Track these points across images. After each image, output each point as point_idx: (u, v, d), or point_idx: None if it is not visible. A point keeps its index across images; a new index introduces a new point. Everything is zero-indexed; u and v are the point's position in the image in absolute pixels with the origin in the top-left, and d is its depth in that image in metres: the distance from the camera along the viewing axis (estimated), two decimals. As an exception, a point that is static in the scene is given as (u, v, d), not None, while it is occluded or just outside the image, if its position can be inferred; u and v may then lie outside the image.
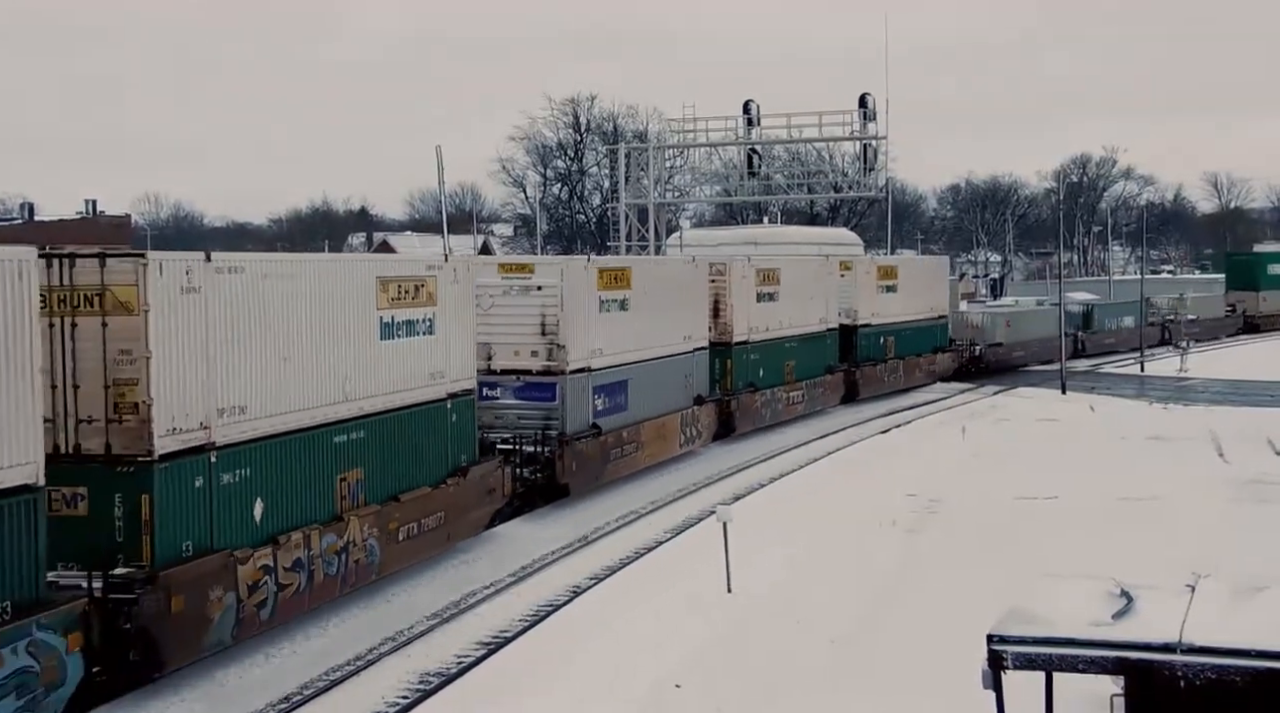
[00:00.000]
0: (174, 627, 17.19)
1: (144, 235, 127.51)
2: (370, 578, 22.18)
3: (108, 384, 17.41)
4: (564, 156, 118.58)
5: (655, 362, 35.11)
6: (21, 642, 14.62)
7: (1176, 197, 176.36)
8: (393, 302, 23.13)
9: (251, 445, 19.12)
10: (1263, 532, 26.37)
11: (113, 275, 17.38)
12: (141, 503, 17.15)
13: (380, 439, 22.56)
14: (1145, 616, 9.55)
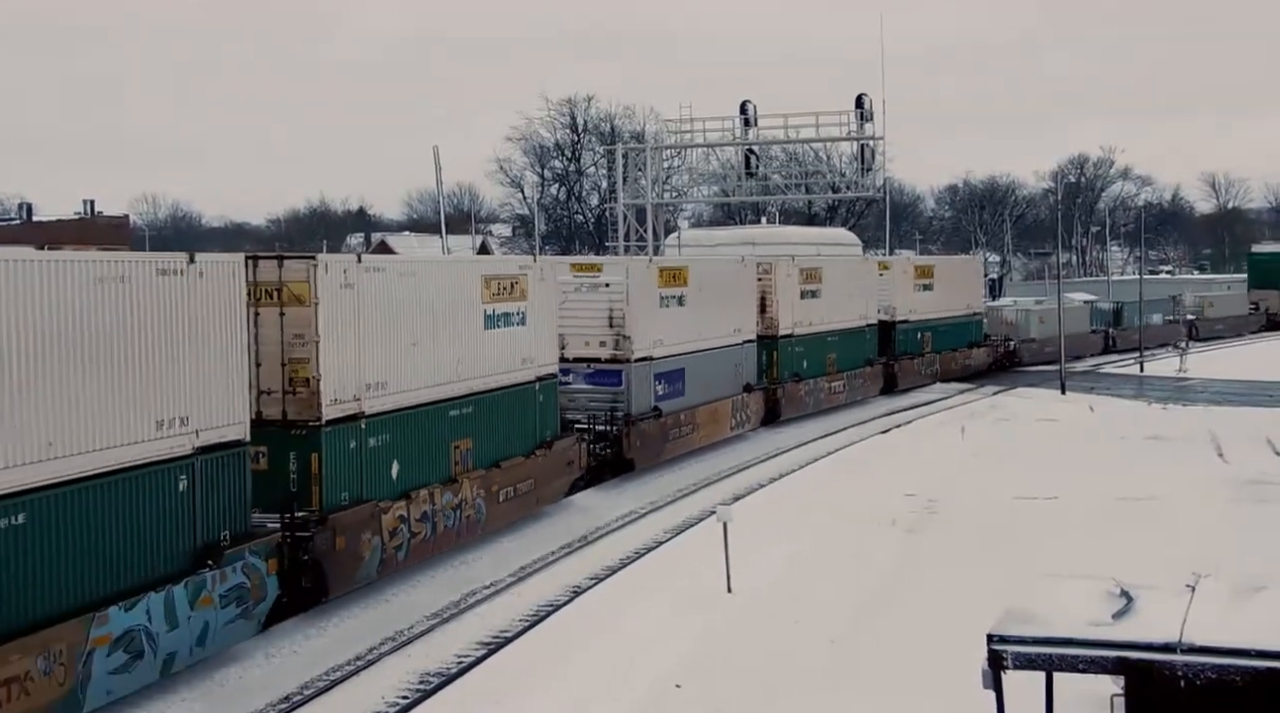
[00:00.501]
0: (337, 561, 21.09)
1: (142, 236, 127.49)
2: (477, 533, 25.86)
3: (284, 362, 21.13)
4: (561, 157, 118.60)
5: (709, 352, 38.68)
6: (239, 563, 18.59)
7: (1174, 197, 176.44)
8: (494, 297, 27.00)
9: (390, 416, 22.98)
10: (1262, 532, 26.38)
11: (289, 273, 21.16)
12: (311, 460, 21.03)
13: (484, 414, 26.36)
14: (1145, 615, 9.56)
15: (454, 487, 24.85)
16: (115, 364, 16.59)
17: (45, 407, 15.37)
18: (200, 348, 18.15)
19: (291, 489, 20.81)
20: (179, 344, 17.76)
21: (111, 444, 16.47)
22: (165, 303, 17.52)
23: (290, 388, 21.09)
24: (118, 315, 16.63)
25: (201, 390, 18.16)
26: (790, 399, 44.49)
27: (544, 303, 29.02)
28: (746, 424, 41.19)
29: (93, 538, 16.20)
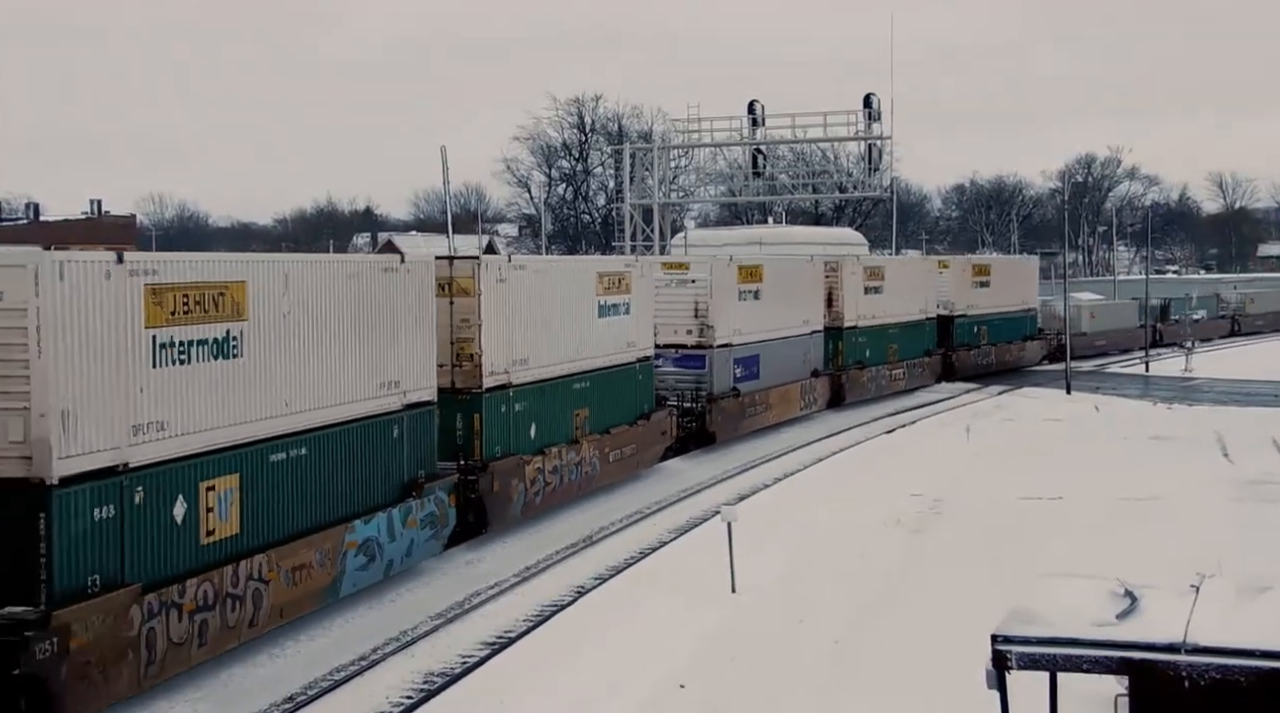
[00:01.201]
0: (495, 501, 26.51)
1: (149, 236, 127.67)
2: (592, 486, 31.17)
3: (452, 341, 26.17)
4: (569, 157, 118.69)
5: (781, 340, 43.22)
6: (432, 496, 23.76)
7: (1181, 197, 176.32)
8: (605, 290, 32.11)
9: (530, 386, 28.23)
10: (1267, 532, 26.34)
11: (458, 271, 26.52)
12: (474, 420, 26.43)
13: (598, 388, 31.46)
14: (1149, 616, 9.54)
15: (576, 447, 30.28)
16: (358, 340, 21.86)
17: (317, 371, 20.68)
18: (407, 327, 23.44)
19: (459, 443, 26.07)
20: (394, 325, 23.00)
21: (354, 399, 21.70)
22: (386, 294, 22.78)
23: (457, 362, 26.39)
24: (357, 304, 21.85)
25: (407, 361, 23.41)
26: (854, 384, 48.87)
27: (643, 296, 34.13)
28: (814, 405, 45.74)
29: (344, 469, 21.40)
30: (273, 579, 19.30)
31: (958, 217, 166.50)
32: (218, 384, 18.40)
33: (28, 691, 14.72)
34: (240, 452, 18.88)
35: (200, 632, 17.77)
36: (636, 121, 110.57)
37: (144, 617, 16.62)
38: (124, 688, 16.43)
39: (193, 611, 17.60)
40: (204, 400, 18.11)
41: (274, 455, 19.65)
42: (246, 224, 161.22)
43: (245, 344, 18.93)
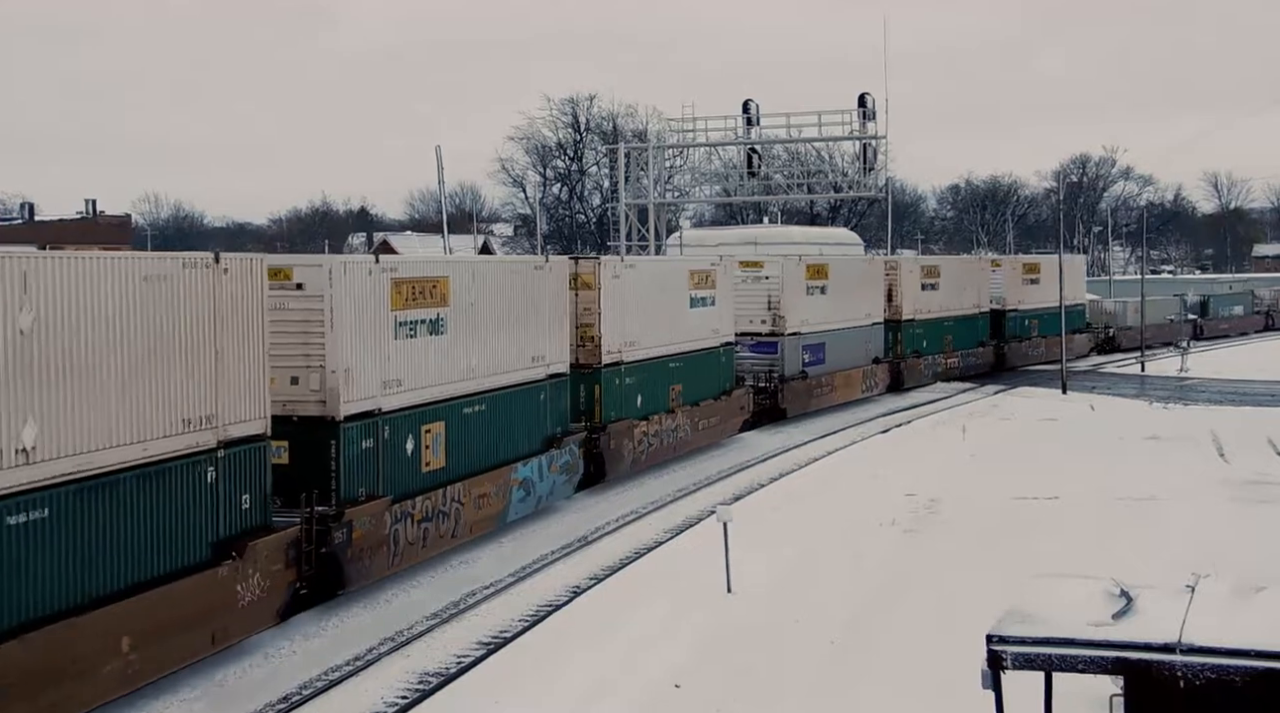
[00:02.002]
0: (611, 455, 32.15)
1: (144, 235, 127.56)
2: (685, 449, 36.72)
3: (577, 326, 31.61)
4: (564, 156, 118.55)
5: (844, 330, 48.74)
6: (567, 448, 29.54)
7: (1176, 197, 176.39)
8: (695, 286, 37.92)
9: (637, 364, 33.91)
10: (1262, 532, 26.38)
11: (582, 268, 32.11)
12: (595, 389, 32.03)
13: (689, 368, 37.19)
14: (1145, 615, 9.54)
15: (672, 416, 35.96)
16: (517, 322, 27.42)
17: (492, 346, 26.36)
18: (548, 313, 29.04)
19: (583, 408, 31.64)
20: (540, 311, 28.65)
21: (515, 369, 27.37)
22: (535, 287, 28.67)
23: (581, 342, 31.85)
24: (517, 294, 27.57)
25: (549, 339, 29.00)
26: (911, 370, 54.52)
27: (725, 291, 39.91)
28: (875, 389, 51.36)
29: (509, 423, 27.19)
30: (466, 503, 25.23)
31: (953, 216, 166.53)
32: (432, 354, 24.25)
33: (328, 563, 20.71)
34: (446, 405, 24.70)
35: (424, 536, 23.72)
36: (631, 121, 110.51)
37: (391, 521, 22.52)
38: (379, 570, 22.29)
39: (419, 519, 23.53)
40: (424, 366, 23.98)
41: (466, 410, 25.53)
42: (242, 224, 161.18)
43: (448, 324, 24.82)
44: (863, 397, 49.79)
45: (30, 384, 15.13)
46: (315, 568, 20.35)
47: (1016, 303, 65.22)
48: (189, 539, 17.74)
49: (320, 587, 20.82)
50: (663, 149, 65.93)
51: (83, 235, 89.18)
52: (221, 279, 18.49)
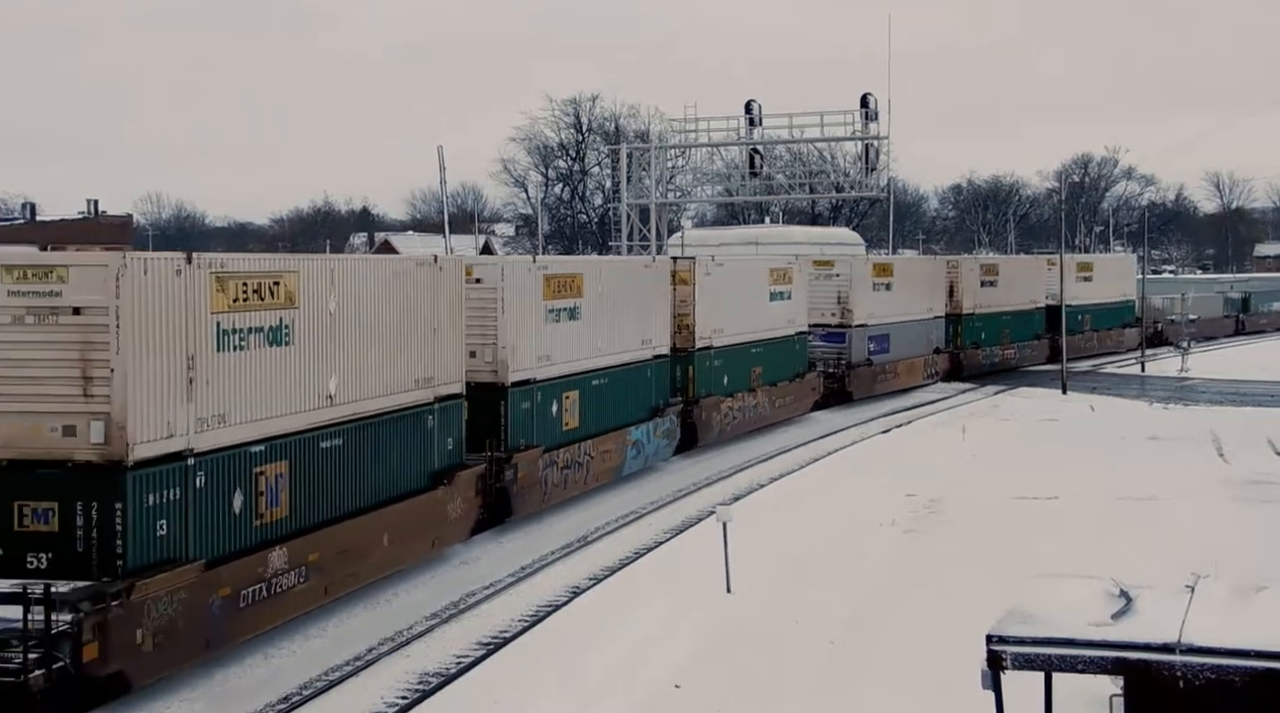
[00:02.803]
0: (702, 424, 37.51)
1: (146, 235, 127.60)
2: (763, 423, 42.15)
3: (675, 315, 36.69)
4: (565, 157, 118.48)
5: (907, 323, 53.71)
6: (667, 416, 35.35)
7: (1178, 197, 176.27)
8: (774, 281, 43.38)
9: (724, 348, 39.39)
10: (1262, 532, 26.37)
11: (680, 266, 37.77)
12: (689, 369, 37.48)
13: (768, 353, 42.63)
14: (1145, 616, 9.54)
15: (753, 394, 41.30)
16: (628, 311, 33.37)
17: (615, 330, 32.45)
18: (654, 304, 35.08)
19: (678, 384, 36.95)
20: (648, 302, 34.73)
21: (629, 350, 33.31)
22: (648, 282, 35.04)
23: (678, 329, 36.89)
24: (628, 288, 33.57)
25: (654, 326, 35.01)
26: (969, 360, 59.37)
27: (800, 286, 45.42)
28: (935, 376, 56.28)
29: (625, 394, 33.07)
30: (595, 456, 31.29)
31: (954, 216, 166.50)
32: (569, 336, 30.16)
33: (500, 496, 26.73)
34: (580, 377, 30.70)
35: (565, 480, 29.68)
36: (633, 121, 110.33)
37: (543, 466, 28.52)
38: (534, 504, 28.26)
39: (562, 467, 29.44)
40: (565, 345, 29.83)
41: (594, 381, 31.44)
42: (243, 224, 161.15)
43: (582, 312, 30.68)
44: (924, 382, 54.90)
45: (335, 349, 20.97)
46: (493, 498, 26.45)
47: (1071, 298, 67.35)
48: (419, 469, 23.77)
49: (495, 514, 26.91)
50: (665, 149, 65.87)
51: (84, 235, 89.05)
52: (438, 276, 24.42)
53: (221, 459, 18.36)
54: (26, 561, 16.61)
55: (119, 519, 16.64)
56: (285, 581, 19.45)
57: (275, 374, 19.48)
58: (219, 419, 18.30)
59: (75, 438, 16.79)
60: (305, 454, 20.06)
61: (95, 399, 16.72)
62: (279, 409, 19.61)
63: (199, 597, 17.59)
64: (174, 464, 17.49)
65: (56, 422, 16.83)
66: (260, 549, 18.98)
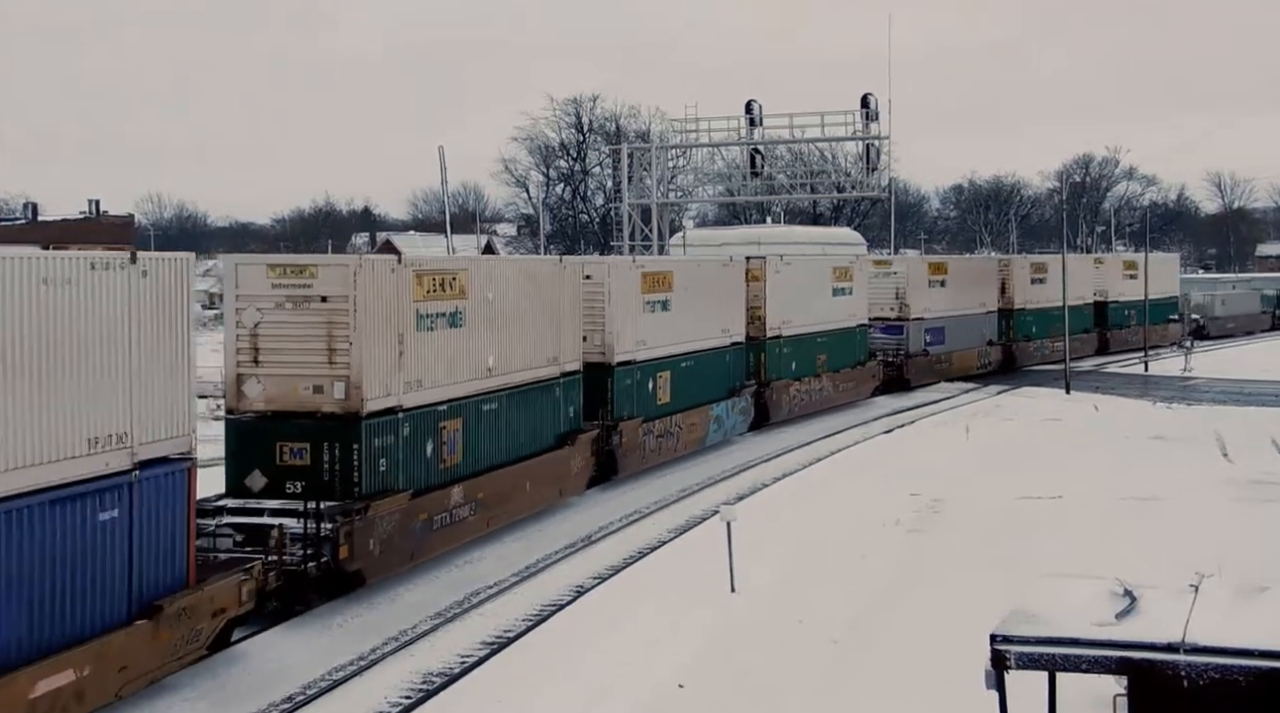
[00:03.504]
0: (773, 404, 42.92)
1: (148, 235, 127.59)
2: (826, 405, 46.88)
3: (748, 308, 42.00)
4: (567, 157, 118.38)
5: (961, 316, 58.92)
6: (743, 396, 40.55)
7: (1179, 197, 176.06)
8: (837, 278, 48.73)
9: (792, 338, 44.49)
10: (1266, 532, 26.34)
11: (753, 264, 42.87)
12: (761, 355, 42.62)
13: (832, 342, 47.82)
14: (1148, 615, 9.54)
15: (818, 379, 46.60)
16: (709, 304, 38.63)
17: (700, 320, 37.47)
18: (731, 297, 40.58)
19: (751, 368, 42.16)
20: (726, 296, 40.22)
21: (710, 337, 38.66)
22: (725, 279, 40.58)
23: (751, 320, 42.18)
24: (710, 284, 39.00)
25: (731, 317, 40.38)
26: (1021, 351, 64.51)
27: (861, 283, 50.84)
28: (988, 367, 61.24)
29: (708, 375, 38.37)
30: (683, 428, 36.39)
31: (956, 216, 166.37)
32: (662, 324, 35.39)
33: (608, 456, 32.11)
34: (671, 360, 35.87)
35: (659, 447, 34.93)
36: (634, 121, 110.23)
37: (642, 435, 33.81)
38: (635, 465, 33.57)
39: (657, 435, 34.76)
40: (659, 333, 35.21)
41: (683, 364, 36.66)
42: (245, 224, 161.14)
43: (673, 304, 36.02)
44: (977, 371, 59.30)
45: (492, 331, 26.33)
46: (603, 458, 31.83)
47: (1117, 295, 74.92)
48: (550, 431, 29.13)
49: (604, 471, 32.05)
50: (666, 149, 65.83)
51: (86, 235, 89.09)
52: (563, 273, 30.09)
53: (420, 415, 23.89)
54: (285, 487, 21.97)
55: (355, 456, 22.11)
56: (461, 512, 25.04)
57: (453, 350, 25.05)
58: (418, 384, 23.84)
59: (323, 395, 22.25)
60: (473, 414, 25.75)
61: (338, 366, 22.18)
62: (456, 378, 25.11)
63: (407, 519, 23.08)
64: (390, 417, 22.93)
65: (309, 383, 22.25)
66: (445, 486, 24.56)
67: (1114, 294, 74.63)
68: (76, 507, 15.80)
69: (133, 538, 16.70)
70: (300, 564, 20.59)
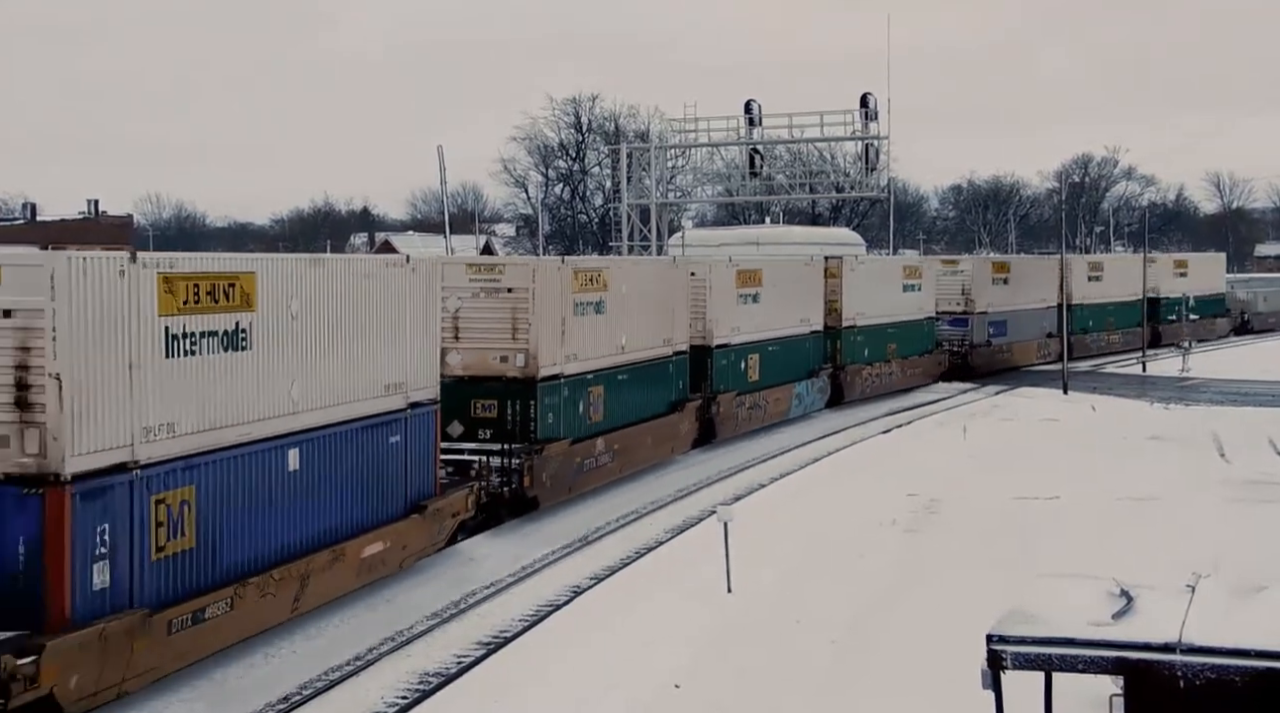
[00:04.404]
0: (847, 385, 49.03)
1: (146, 235, 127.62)
2: (896, 388, 52.74)
3: (826, 301, 47.71)
4: (566, 157, 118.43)
5: (1022, 311, 64.43)
6: (821, 377, 47.47)
7: (1178, 197, 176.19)
8: (907, 276, 54.73)
9: (864, 328, 50.10)
10: (1263, 532, 26.36)
11: (830, 263, 48.86)
12: (837, 343, 48.64)
13: (901, 332, 53.43)
14: (1145, 615, 9.52)
15: (888, 364, 52.49)
16: (793, 297, 44.95)
17: (793, 310, 45.02)
18: (811, 291, 46.80)
19: (828, 353, 48.19)
20: (808, 291, 46.43)
21: (795, 325, 45.00)
22: (807, 275, 46.93)
23: (829, 311, 48.14)
24: (793, 279, 45.41)
25: (812, 308, 46.54)
26: (1080, 344, 68.07)
27: (930, 280, 56.43)
28: (1047, 357, 64.91)
29: (792, 358, 44.62)
30: (770, 402, 42.65)
31: (955, 216, 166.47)
32: (752, 313, 41.73)
33: (708, 423, 38.34)
34: (760, 344, 42.28)
35: (750, 416, 41.17)
36: (633, 121, 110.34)
37: (735, 406, 40.09)
38: (729, 431, 39.75)
39: (748, 407, 41.03)
40: (750, 320, 41.52)
41: (770, 348, 42.84)
42: (244, 224, 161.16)
43: (763, 297, 42.42)
44: (1036, 362, 64.36)
45: (626, 317, 32.87)
46: (704, 424, 38.10)
47: (1168, 292, 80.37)
48: (664, 399, 35.75)
49: (704, 435, 38.37)
50: (665, 149, 65.89)
51: (85, 235, 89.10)
52: (675, 271, 37.24)
53: (575, 381, 30.62)
54: (477, 434, 28.44)
55: (532, 411, 28.76)
56: (603, 458, 31.92)
57: (597, 332, 31.60)
58: (574, 357, 30.46)
59: (507, 364, 28.75)
60: (611, 383, 32.63)
61: (519, 341, 28.74)
62: (599, 353, 31.79)
63: (567, 461, 29.90)
64: (555, 382, 29.61)
65: (496, 354, 28.78)
66: (592, 437, 31.29)
67: (1165, 291, 79.57)
68: (379, 431, 22.29)
69: (407, 457, 23.21)
70: (498, 488, 27.37)
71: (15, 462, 15.47)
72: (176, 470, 17.14)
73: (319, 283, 20.50)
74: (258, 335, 18.78)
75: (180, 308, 17.26)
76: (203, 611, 17.48)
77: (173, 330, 17.15)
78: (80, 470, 15.66)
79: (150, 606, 16.58)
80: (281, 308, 19.30)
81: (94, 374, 15.90)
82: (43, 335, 15.56)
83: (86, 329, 15.88)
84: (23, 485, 15.43)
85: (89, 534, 15.80)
